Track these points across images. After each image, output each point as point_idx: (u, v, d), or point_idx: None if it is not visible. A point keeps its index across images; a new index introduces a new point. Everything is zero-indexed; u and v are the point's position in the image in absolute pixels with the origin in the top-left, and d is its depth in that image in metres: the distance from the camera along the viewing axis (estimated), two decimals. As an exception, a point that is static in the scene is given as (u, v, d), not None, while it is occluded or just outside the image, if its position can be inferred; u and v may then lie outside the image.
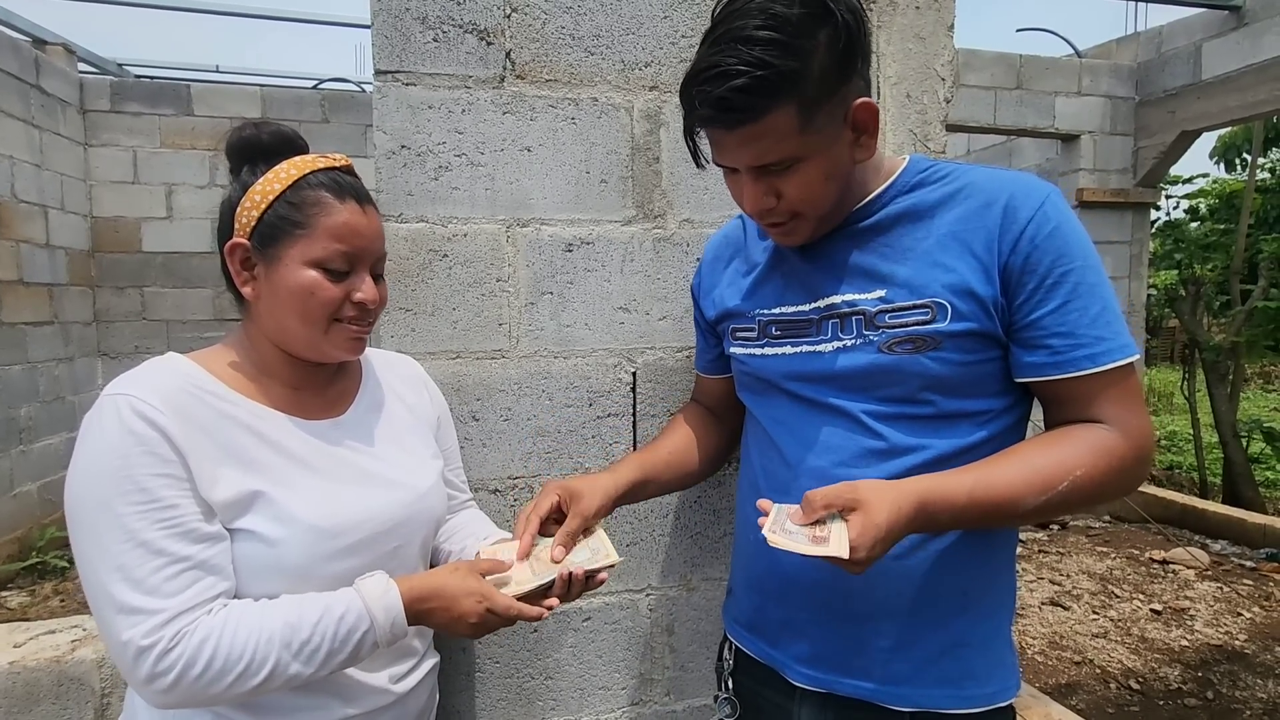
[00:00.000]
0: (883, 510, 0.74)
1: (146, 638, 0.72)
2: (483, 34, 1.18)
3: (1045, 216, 0.81)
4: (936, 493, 0.78)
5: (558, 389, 1.26)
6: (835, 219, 0.90)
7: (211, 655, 0.73)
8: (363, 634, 0.79)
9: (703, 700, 1.37)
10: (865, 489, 0.76)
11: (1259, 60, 4.61)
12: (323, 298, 0.84)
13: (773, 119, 0.77)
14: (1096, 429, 0.81)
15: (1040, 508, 0.80)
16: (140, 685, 0.74)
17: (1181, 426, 7.42)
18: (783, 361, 0.95)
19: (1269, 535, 4.45)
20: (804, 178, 0.82)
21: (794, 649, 0.94)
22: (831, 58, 0.76)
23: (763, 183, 0.83)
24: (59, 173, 4.96)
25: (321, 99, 5.73)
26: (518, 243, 1.22)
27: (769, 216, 0.87)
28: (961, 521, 0.81)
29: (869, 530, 0.73)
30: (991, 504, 0.79)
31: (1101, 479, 0.80)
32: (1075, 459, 0.80)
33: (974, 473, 0.81)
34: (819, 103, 0.77)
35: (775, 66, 0.74)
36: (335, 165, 0.87)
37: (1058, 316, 0.81)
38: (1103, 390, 0.81)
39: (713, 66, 0.76)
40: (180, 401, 0.78)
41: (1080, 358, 0.81)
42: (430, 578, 0.85)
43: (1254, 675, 3.08)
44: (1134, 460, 0.81)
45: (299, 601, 0.79)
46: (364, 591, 0.81)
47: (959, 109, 4.92)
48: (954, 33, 1.39)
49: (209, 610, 0.75)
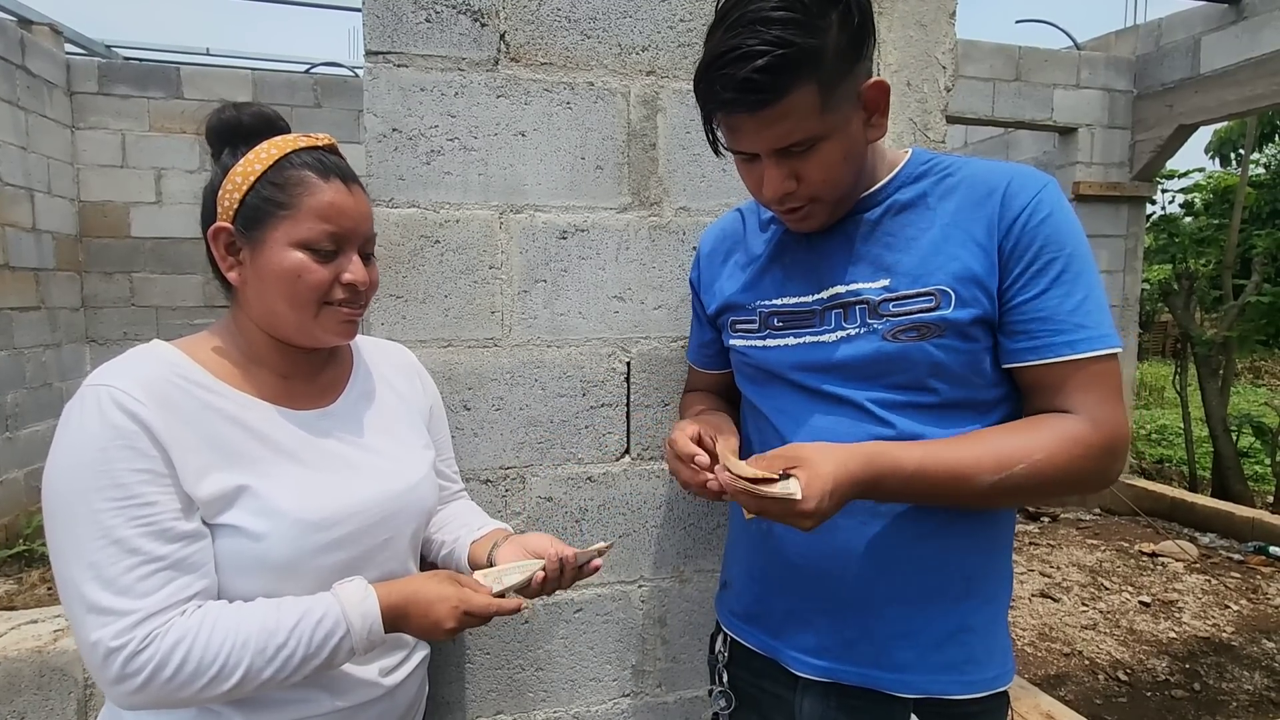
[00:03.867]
0: (828, 463, 0.75)
1: (116, 639, 0.70)
2: (476, 15, 1.16)
3: (1040, 203, 0.82)
4: (885, 456, 0.79)
5: (551, 378, 1.24)
6: (847, 204, 0.91)
7: (183, 659, 0.72)
8: (339, 640, 0.78)
9: (694, 692, 1.36)
10: (809, 448, 0.78)
11: (1257, 54, 4.60)
12: (310, 280, 0.81)
13: (795, 98, 0.76)
14: (1065, 417, 0.81)
15: (996, 486, 0.80)
16: (108, 686, 0.72)
17: (1172, 420, 7.47)
18: (786, 353, 0.94)
19: (1257, 528, 4.48)
20: (824, 158, 0.82)
21: (798, 639, 0.94)
22: (845, 36, 0.77)
23: (784, 166, 0.83)
24: (45, 156, 4.89)
25: (314, 83, 5.65)
26: (511, 229, 1.20)
27: (788, 201, 0.86)
28: (911, 491, 0.81)
29: (815, 481, 0.74)
30: (942, 475, 0.79)
31: (1064, 466, 0.80)
32: (1036, 444, 0.80)
33: (928, 445, 0.82)
34: (836, 81, 0.78)
35: (797, 44, 0.74)
36: (318, 144, 0.85)
37: (1039, 301, 0.81)
38: (1078, 379, 0.81)
39: (733, 49, 0.75)
40: (164, 392, 0.76)
41: (1058, 343, 0.81)
42: (407, 584, 0.84)
43: (1240, 667, 3.11)
44: (1100, 452, 0.81)
45: (276, 605, 0.77)
46: (342, 597, 0.79)
47: (956, 100, 4.89)
48: (955, 20, 1.37)
49: (183, 611, 0.73)
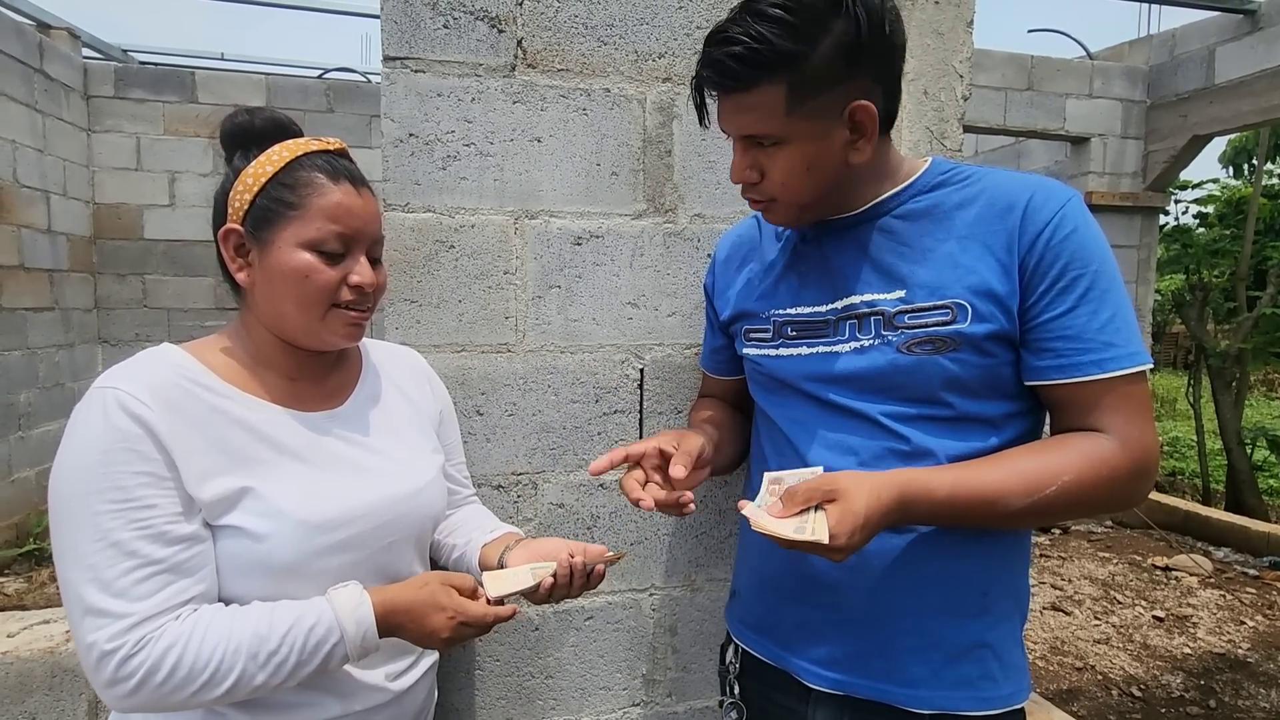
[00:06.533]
0: (861, 498, 0.74)
1: (110, 642, 0.70)
2: (494, 21, 1.16)
3: (1064, 219, 0.80)
4: (917, 484, 0.78)
5: (564, 384, 1.24)
6: (821, 213, 0.91)
7: (175, 663, 0.72)
8: (332, 646, 0.77)
9: (705, 702, 1.35)
10: (844, 479, 0.76)
11: (1273, 65, 4.57)
12: (318, 282, 0.81)
13: (761, 93, 0.79)
14: (1094, 437, 0.80)
15: (1027, 510, 0.79)
16: (102, 689, 0.72)
17: (1185, 432, 7.40)
18: (799, 363, 0.93)
19: (1272, 543, 4.43)
20: (785, 162, 0.83)
21: (810, 651, 0.93)
22: (837, 51, 0.77)
23: (749, 155, 0.86)
24: (61, 158, 4.94)
25: (326, 88, 5.68)
26: (526, 235, 1.20)
27: (749, 192, 0.89)
28: (942, 516, 0.80)
29: (847, 518, 0.73)
30: (973, 501, 0.79)
31: (1091, 488, 0.79)
32: (1065, 465, 0.79)
33: (959, 470, 0.81)
34: (813, 91, 0.79)
35: (772, 44, 0.76)
36: (329, 148, 0.86)
37: (1066, 320, 0.79)
38: (1107, 398, 0.80)
39: (722, 31, 0.79)
40: (170, 395, 0.76)
41: (1086, 363, 0.79)
42: (403, 591, 0.83)
43: (1257, 684, 3.06)
44: (1128, 473, 0.79)
45: (270, 610, 0.77)
46: (336, 603, 0.79)
47: (968, 109, 4.89)
48: (973, 29, 1.36)
49: (177, 616, 0.73)
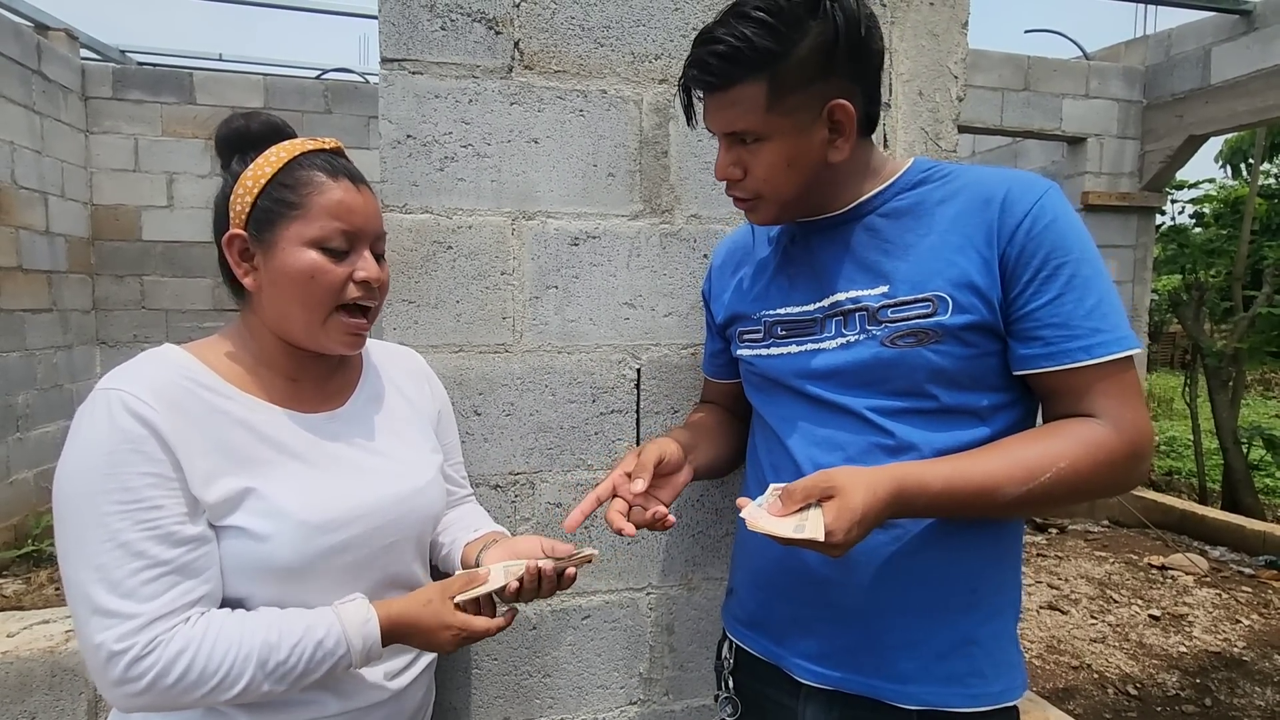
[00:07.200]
0: (857, 494, 0.75)
1: (120, 642, 0.71)
2: (491, 23, 1.16)
3: (1042, 209, 0.82)
4: (912, 478, 0.79)
5: (561, 384, 1.24)
6: (803, 211, 0.93)
7: (186, 667, 0.72)
8: (338, 659, 0.79)
9: (702, 700, 1.36)
10: (840, 475, 0.77)
11: (1269, 65, 4.58)
12: (325, 281, 0.82)
13: (742, 90, 0.82)
14: (1087, 422, 0.81)
15: (1023, 498, 0.80)
16: (109, 688, 0.72)
17: (1181, 432, 7.41)
18: (787, 360, 0.95)
19: (1268, 542, 4.44)
20: (767, 158, 0.86)
21: (801, 646, 0.93)
22: (815, 50, 0.80)
23: (733, 152, 0.88)
24: (59, 159, 4.94)
25: (324, 89, 5.67)
26: (523, 235, 1.21)
27: (733, 189, 0.91)
28: (939, 508, 0.81)
29: (844, 514, 0.73)
30: (970, 491, 0.79)
31: (1088, 473, 0.79)
32: (1060, 451, 0.79)
33: (954, 460, 0.82)
34: (791, 88, 0.81)
35: (753, 43, 0.79)
36: (325, 147, 0.86)
37: (1052, 308, 0.81)
38: (1097, 383, 0.80)
39: (708, 31, 0.83)
40: (173, 396, 0.77)
41: (1074, 349, 0.80)
42: (409, 606, 0.85)
43: (1252, 683, 3.07)
44: (1125, 456, 0.80)
45: (280, 619, 0.78)
46: (344, 617, 0.80)
47: (965, 109, 4.90)
48: (968, 30, 1.37)
49: (186, 618, 0.74)
